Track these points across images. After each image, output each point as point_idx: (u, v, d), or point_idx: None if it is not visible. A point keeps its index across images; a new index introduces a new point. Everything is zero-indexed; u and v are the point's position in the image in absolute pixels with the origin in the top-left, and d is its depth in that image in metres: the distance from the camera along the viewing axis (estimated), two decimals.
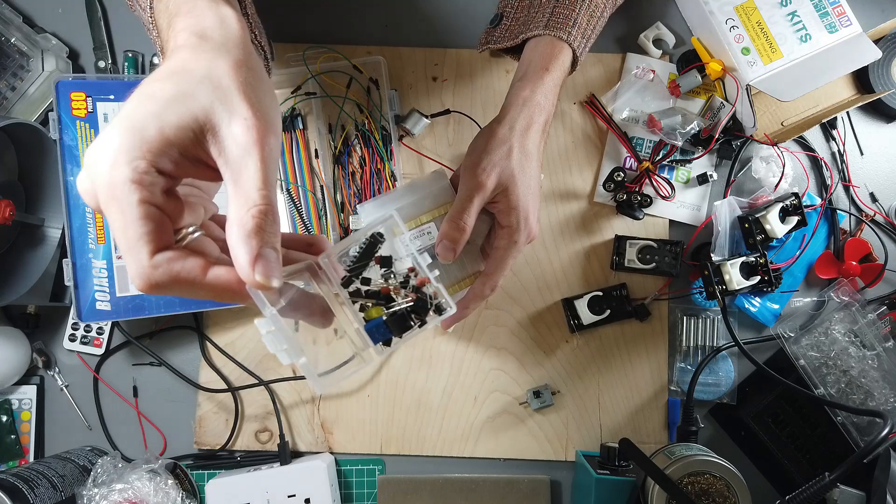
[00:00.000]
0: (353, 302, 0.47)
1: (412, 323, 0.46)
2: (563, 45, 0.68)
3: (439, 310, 0.47)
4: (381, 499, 0.81)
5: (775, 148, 0.81)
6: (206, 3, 0.43)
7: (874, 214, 0.84)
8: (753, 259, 0.77)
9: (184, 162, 0.38)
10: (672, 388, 0.82)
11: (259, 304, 0.41)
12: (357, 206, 0.78)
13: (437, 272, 0.48)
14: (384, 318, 0.46)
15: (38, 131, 0.76)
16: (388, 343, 0.47)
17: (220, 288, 0.38)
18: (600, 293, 0.82)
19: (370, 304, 0.47)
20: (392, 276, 0.47)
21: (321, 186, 0.80)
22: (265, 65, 0.65)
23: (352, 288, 0.47)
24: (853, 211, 0.85)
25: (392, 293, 0.47)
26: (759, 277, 0.76)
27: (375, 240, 0.47)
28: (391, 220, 0.48)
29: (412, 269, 0.48)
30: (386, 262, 0.47)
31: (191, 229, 0.39)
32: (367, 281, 0.47)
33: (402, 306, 0.46)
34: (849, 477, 0.63)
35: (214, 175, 0.39)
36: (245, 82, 0.39)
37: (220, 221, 0.46)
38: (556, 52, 0.68)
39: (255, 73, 0.40)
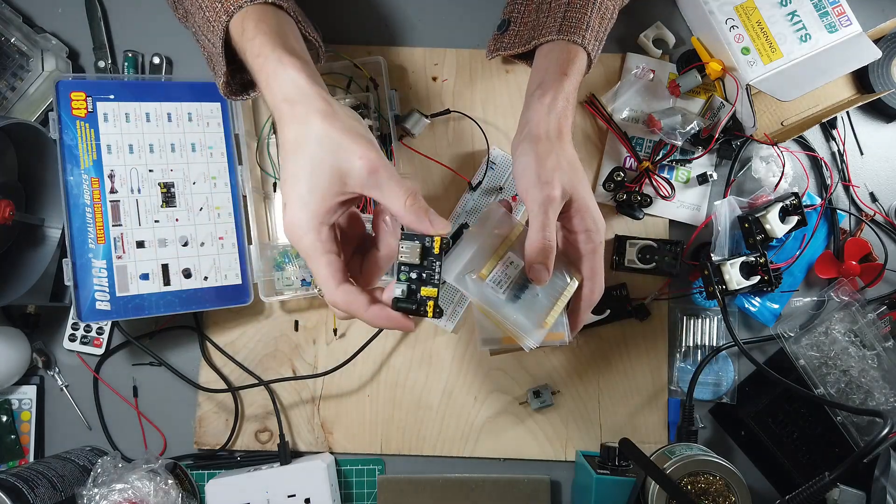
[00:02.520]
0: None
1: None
2: (579, 48, 0.68)
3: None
4: (381, 499, 0.81)
5: (775, 148, 0.81)
6: (275, 66, 0.57)
7: (874, 214, 0.84)
8: (753, 259, 0.77)
9: (340, 209, 0.56)
10: (672, 388, 0.82)
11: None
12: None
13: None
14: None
15: (38, 131, 0.76)
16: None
17: (376, 323, 0.56)
18: None
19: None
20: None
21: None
22: (318, 54, 0.73)
23: None
24: (853, 211, 0.85)
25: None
26: (759, 277, 0.76)
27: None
28: (472, 272, 0.61)
29: None
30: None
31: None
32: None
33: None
34: (849, 477, 0.63)
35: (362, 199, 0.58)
36: (342, 125, 0.54)
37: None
38: (571, 57, 0.68)
39: (335, 109, 0.55)
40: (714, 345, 0.82)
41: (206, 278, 0.78)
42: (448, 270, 0.61)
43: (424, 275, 0.56)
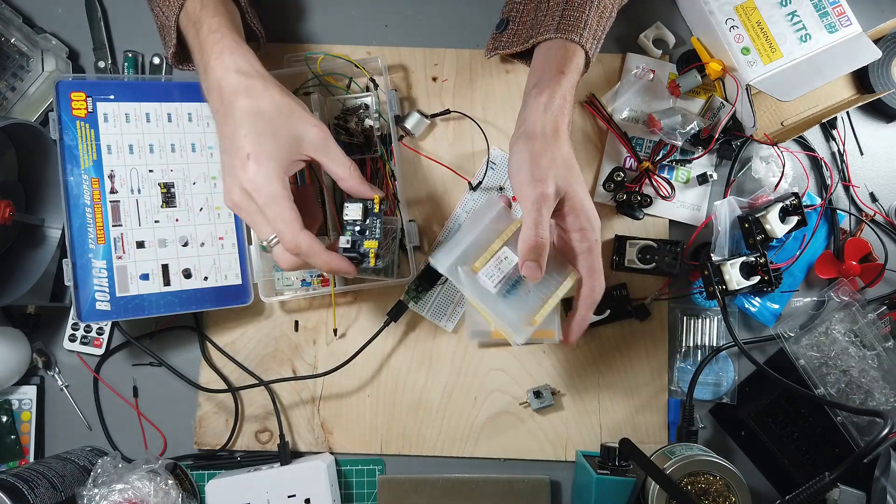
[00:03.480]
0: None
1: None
2: (576, 47, 0.68)
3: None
4: (381, 499, 0.81)
5: (775, 148, 0.81)
6: (232, 45, 0.64)
7: (874, 214, 0.84)
8: (753, 259, 0.77)
9: (296, 164, 0.64)
10: (672, 388, 0.82)
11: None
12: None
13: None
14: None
15: (38, 131, 0.76)
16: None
17: (329, 267, 0.64)
18: None
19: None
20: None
21: (321, 187, 0.80)
22: (259, 45, 0.79)
23: None
24: (853, 211, 0.85)
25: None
26: (759, 277, 0.76)
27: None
28: (466, 264, 0.63)
29: None
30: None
31: None
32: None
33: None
34: (849, 477, 0.63)
35: (312, 162, 0.66)
36: (293, 100, 0.64)
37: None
38: (569, 55, 0.68)
39: (286, 90, 0.64)
40: (714, 345, 0.82)
41: (206, 278, 0.78)
42: (441, 261, 0.61)
43: (367, 231, 0.68)
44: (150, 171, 0.77)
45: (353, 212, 0.68)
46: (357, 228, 0.68)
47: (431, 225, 0.84)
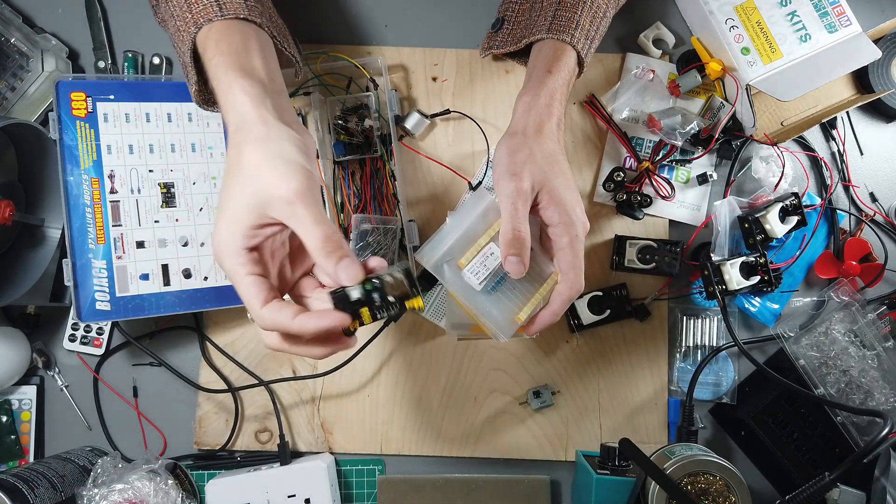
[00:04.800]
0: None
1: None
2: (567, 47, 0.68)
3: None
4: (381, 499, 0.81)
5: (775, 148, 0.81)
6: (225, 90, 0.58)
7: (874, 214, 0.84)
8: (753, 259, 0.77)
9: (264, 230, 0.55)
10: (672, 387, 0.82)
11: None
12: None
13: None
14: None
15: (38, 131, 0.76)
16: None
17: (305, 329, 0.53)
18: (600, 293, 0.82)
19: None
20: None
21: (321, 187, 0.80)
22: (296, 71, 0.74)
23: None
24: (853, 211, 0.85)
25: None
26: (758, 277, 0.76)
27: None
28: (451, 260, 0.60)
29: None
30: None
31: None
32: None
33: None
34: (849, 477, 0.63)
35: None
36: (271, 154, 0.54)
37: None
38: (558, 55, 0.68)
39: (271, 135, 0.56)
40: (714, 345, 0.82)
41: (206, 278, 0.78)
42: (427, 257, 0.60)
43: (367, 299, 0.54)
44: (150, 171, 0.77)
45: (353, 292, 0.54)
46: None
47: (431, 225, 0.84)
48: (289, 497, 0.76)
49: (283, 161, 0.54)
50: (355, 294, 0.53)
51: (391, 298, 0.54)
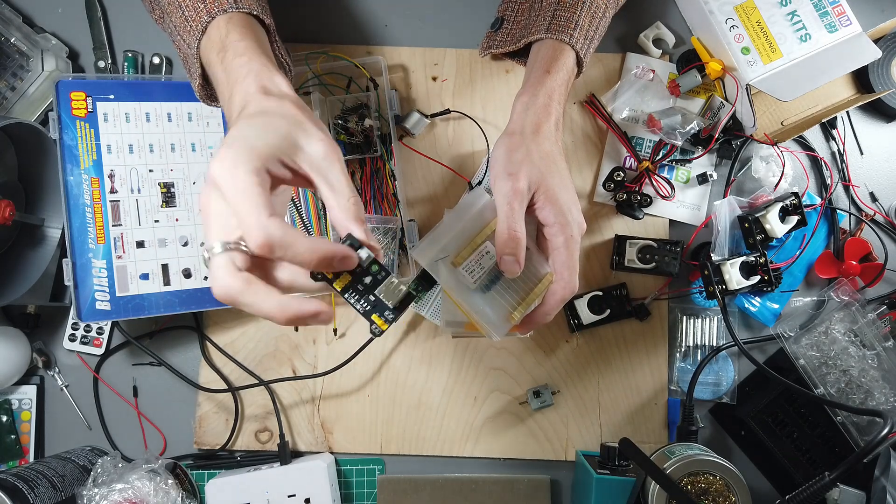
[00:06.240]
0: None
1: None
2: (565, 47, 0.68)
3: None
4: (381, 499, 0.81)
5: (775, 147, 0.81)
6: (260, 68, 0.56)
7: (874, 214, 0.84)
8: (753, 259, 0.77)
9: (283, 170, 0.49)
10: (672, 387, 0.82)
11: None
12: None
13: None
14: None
15: (38, 131, 0.76)
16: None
17: (316, 247, 0.47)
18: (600, 293, 0.82)
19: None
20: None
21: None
22: (288, 75, 0.72)
23: None
24: (853, 210, 0.85)
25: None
26: (758, 277, 0.76)
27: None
28: (446, 258, 0.59)
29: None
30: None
31: None
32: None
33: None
34: (849, 477, 0.63)
35: (305, 183, 0.51)
36: (310, 116, 0.53)
37: None
38: (557, 55, 0.68)
39: (309, 111, 0.54)
40: (714, 345, 0.82)
41: (206, 278, 0.78)
42: (423, 254, 0.60)
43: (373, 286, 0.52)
44: (150, 170, 0.77)
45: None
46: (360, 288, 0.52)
47: (431, 225, 0.83)
48: (289, 497, 0.76)
49: (325, 130, 0.52)
50: (364, 255, 0.50)
51: (379, 292, 0.52)
